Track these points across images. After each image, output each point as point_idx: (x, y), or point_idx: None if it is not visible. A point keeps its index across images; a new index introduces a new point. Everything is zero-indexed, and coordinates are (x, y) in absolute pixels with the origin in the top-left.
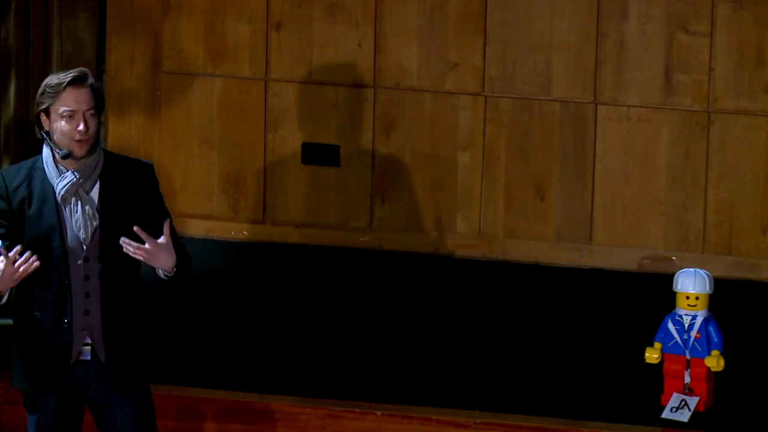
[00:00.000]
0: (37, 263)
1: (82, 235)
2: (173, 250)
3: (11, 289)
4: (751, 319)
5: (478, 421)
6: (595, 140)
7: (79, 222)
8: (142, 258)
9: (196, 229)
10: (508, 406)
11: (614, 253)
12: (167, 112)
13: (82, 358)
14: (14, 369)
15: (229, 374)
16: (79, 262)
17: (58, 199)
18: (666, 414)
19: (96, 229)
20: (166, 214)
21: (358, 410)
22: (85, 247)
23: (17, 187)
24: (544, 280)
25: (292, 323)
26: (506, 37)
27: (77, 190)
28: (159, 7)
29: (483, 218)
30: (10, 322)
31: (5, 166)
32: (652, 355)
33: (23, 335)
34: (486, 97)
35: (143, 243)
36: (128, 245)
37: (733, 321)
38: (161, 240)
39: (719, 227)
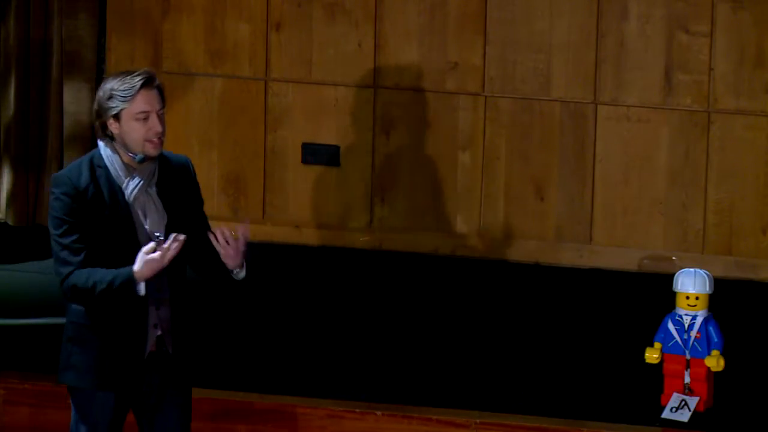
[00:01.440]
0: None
1: (156, 232)
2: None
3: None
4: (751, 319)
5: (478, 421)
6: (595, 140)
7: (153, 220)
8: (233, 261)
9: None
10: (508, 406)
11: (614, 253)
12: (167, 112)
13: (151, 351)
14: (69, 366)
15: (230, 374)
16: None
17: (129, 199)
18: (666, 414)
19: (165, 225)
20: (202, 205)
21: (358, 410)
22: (157, 237)
23: (86, 188)
24: (544, 280)
25: (292, 323)
26: (506, 37)
27: (146, 189)
28: (159, 7)
29: (483, 218)
30: (11, 322)
31: (5, 166)
32: (652, 355)
33: (92, 332)
34: (486, 97)
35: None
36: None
37: (733, 321)
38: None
39: (719, 227)
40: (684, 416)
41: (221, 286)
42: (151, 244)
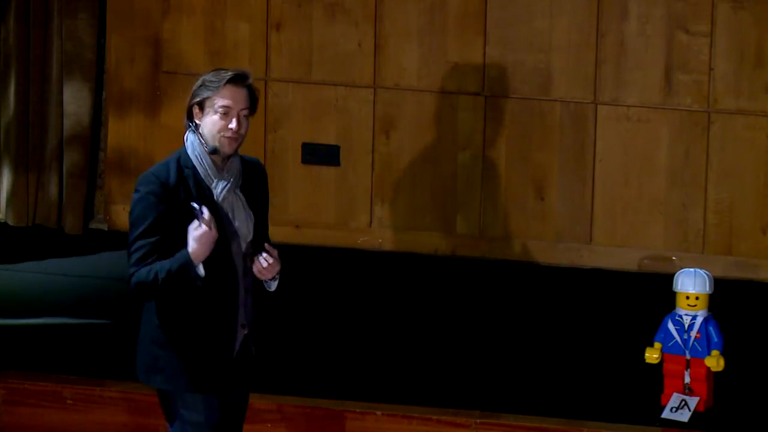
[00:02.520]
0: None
1: (244, 233)
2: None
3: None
4: (751, 319)
5: (478, 421)
6: (595, 140)
7: (241, 220)
8: (269, 275)
9: None
10: (508, 406)
11: (614, 253)
12: (167, 112)
13: (237, 351)
14: (157, 369)
15: None
16: (240, 259)
17: (218, 199)
18: (666, 414)
19: (252, 226)
20: (267, 209)
21: (358, 410)
22: (243, 246)
23: (174, 189)
24: (544, 280)
25: (291, 323)
26: (506, 37)
27: (234, 190)
28: (159, 7)
29: (483, 218)
30: (11, 322)
31: (5, 166)
32: (652, 355)
33: (181, 333)
34: (486, 97)
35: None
36: (268, 263)
37: (733, 321)
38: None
39: (719, 227)
40: (684, 416)
41: None
42: (194, 222)
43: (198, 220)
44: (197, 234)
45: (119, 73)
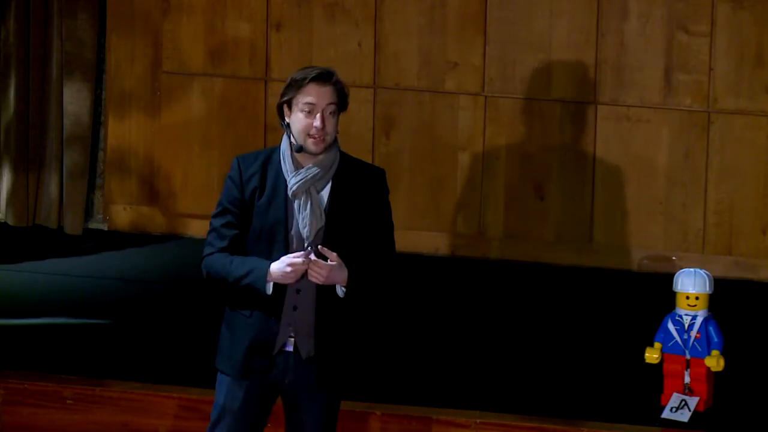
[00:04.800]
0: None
1: (306, 232)
2: (344, 266)
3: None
4: (751, 319)
5: (478, 421)
6: (595, 140)
7: (305, 219)
8: (320, 280)
9: (196, 229)
10: (508, 406)
11: (614, 253)
12: (167, 112)
13: (285, 349)
14: (219, 350)
15: None
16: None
17: (289, 193)
18: (666, 414)
19: (321, 229)
20: (389, 225)
21: (358, 410)
22: (306, 246)
23: (251, 176)
24: (544, 280)
25: None
26: (506, 37)
27: (309, 188)
28: (159, 7)
29: (483, 218)
30: (11, 322)
31: (5, 166)
32: (652, 355)
33: (233, 322)
34: (486, 97)
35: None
36: (315, 267)
37: (733, 321)
38: (336, 260)
39: (719, 227)
40: (684, 416)
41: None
42: (299, 256)
43: (304, 258)
44: (292, 262)
45: (119, 73)
